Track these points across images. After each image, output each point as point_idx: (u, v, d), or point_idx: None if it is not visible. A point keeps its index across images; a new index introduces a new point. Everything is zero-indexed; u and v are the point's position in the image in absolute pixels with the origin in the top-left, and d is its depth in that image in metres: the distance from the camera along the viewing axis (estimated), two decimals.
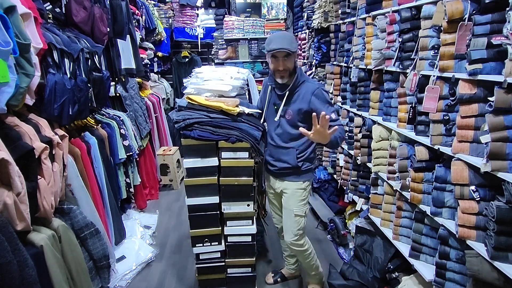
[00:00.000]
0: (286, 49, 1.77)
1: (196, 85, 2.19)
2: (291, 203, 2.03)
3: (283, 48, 1.77)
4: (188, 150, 1.99)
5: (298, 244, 2.06)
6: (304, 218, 2.06)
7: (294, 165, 1.96)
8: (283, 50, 1.78)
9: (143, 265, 2.63)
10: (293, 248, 2.09)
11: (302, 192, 2.03)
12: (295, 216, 2.02)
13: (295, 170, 1.99)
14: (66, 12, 2.32)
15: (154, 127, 4.12)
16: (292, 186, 2.02)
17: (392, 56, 2.12)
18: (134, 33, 3.46)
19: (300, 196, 2.03)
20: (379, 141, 2.32)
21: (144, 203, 3.56)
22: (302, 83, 1.90)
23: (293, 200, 2.03)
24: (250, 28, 5.04)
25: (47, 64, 1.91)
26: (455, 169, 1.59)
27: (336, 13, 3.29)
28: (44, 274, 1.57)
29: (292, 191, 2.02)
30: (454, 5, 1.56)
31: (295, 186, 2.02)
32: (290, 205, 2.04)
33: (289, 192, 2.04)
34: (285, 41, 1.80)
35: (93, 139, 2.45)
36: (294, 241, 2.05)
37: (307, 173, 2.03)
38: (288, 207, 2.05)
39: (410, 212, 2.05)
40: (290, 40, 1.82)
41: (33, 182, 1.57)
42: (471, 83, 1.53)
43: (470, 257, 1.53)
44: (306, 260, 2.16)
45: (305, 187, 2.04)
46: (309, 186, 2.08)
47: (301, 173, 2.01)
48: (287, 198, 2.05)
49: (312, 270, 2.24)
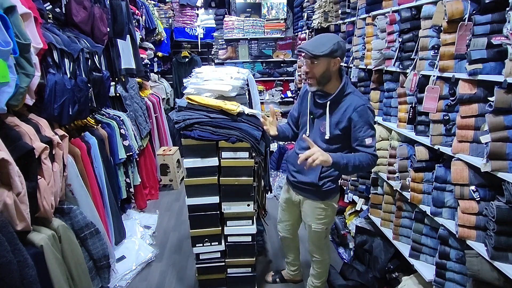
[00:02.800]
0: (306, 50, 1.59)
1: (196, 85, 2.19)
2: (309, 220, 1.92)
3: (304, 49, 1.60)
4: (188, 150, 1.99)
5: (318, 254, 2.04)
6: (324, 233, 1.95)
7: (315, 182, 1.79)
8: (305, 52, 1.60)
9: (143, 265, 2.63)
10: (312, 255, 2.07)
11: (322, 211, 1.87)
12: (314, 231, 1.94)
13: (315, 188, 1.82)
14: (66, 12, 2.32)
15: (154, 127, 4.11)
16: (311, 204, 1.89)
17: (392, 56, 2.12)
18: (134, 33, 3.46)
19: (319, 215, 1.88)
20: (379, 141, 2.32)
21: (144, 203, 3.56)
22: (347, 95, 1.68)
23: (311, 217, 1.91)
24: (250, 28, 5.04)
25: (47, 64, 1.91)
26: (455, 169, 1.59)
27: (336, 13, 3.29)
28: (44, 274, 1.56)
29: (311, 208, 1.89)
30: (454, 5, 1.56)
31: (314, 205, 1.87)
32: (308, 221, 1.94)
33: (306, 207, 1.91)
34: (315, 42, 1.62)
35: (93, 139, 2.45)
36: (314, 250, 2.04)
37: (328, 194, 1.84)
38: (306, 222, 1.97)
39: (410, 212, 2.05)
40: (321, 43, 1.59)
41: (33, 182, 1.57)
42: (471, 83, 1.53)
43: (470, 257, 1.53)
44: (319, 269, 2.10)
45: (325, 207, 1.86)
46: (331, 208, 1.89)
47: (321, 193, 1.83)
48: (305, 214, 1.94)
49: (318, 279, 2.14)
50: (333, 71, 1.65)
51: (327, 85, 1.69)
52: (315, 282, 2.15)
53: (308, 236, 2.04)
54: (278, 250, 2.87)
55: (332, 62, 1.62)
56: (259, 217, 2.51)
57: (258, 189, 2.27)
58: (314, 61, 1.61)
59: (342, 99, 1.68)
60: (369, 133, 1.64)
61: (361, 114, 1.63)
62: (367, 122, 1.64)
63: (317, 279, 2.14)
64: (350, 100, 1.66)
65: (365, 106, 1.64)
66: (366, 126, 1.64)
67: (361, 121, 1.63)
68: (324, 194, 1.84)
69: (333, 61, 1.61)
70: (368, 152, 1.63)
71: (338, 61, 1.63)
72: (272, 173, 4.21)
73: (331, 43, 1.57)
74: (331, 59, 1.61)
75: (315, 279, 2.15)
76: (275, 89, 5.33)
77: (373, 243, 2.39)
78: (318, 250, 2.04)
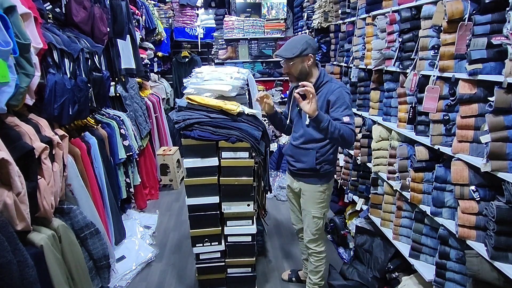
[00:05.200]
0: (280, 55, 1.83)
1: (196, 85, 2.19)
2: (309, 205, 2.02)
3: (278, 55, 1.85)
4: (188, 150, 1.99)
5: (315, 244, 2.08)
6: (322, 219, 2.04)
7: (312, 167, 1.92)
8: (280, 57, 1.84)
9: (143, 265, 2.63)
10: (309, 247, 2.10)
11: (321, 195, 1.99)
12: (313, 217, 2.01)
13: (313, 172, 1.95)
14: (66, 12, 2.32)
15: (154, 127, 4.12)
16: (310, 188, 1.99)
17: (392, 56, 2.12)
18: (134, 33, 3.46)
19: (318, 199, 2.00)
20: (379, 141, 2.32)
21: (144, 203, 3.56)
22: (324, 83, 1.86)
23: (311, 202, 2.01)
24: (250, 28, 5.04)
25: (47, 64, 1.91)
26: (455, 169, 1.59)
27: (336, 13, 3.29)
28: (44, 274, 1.56)
29: (310, 193, 2.00)
30: (454, 5, 1.56)
31: (313, 189, 1.99)
32: (308, 207, 2.02)
33: (307, 194, 2.02)
34: (286, 46, 1.84)
35: (93, 139, 2.45)
36: (311, 241, 2.07)
37: (326, 176, 1.98)
38: (306, 209, 2.04)
39: (410, 212, 2.05)
40: (291, 46, 1.81)
41: (33, 182, 1.56)
42: (471, 83, 1.53)
43: (470, 257, 1.53)
44: (316, 263, 2.13)
45: (324, 190, 2.00)
46: (329, 190, 2.03)
47: (319, 176, 1.96)
48: (305, 200, 2.03)
49: (315, 275, 2.15)
50: (309, 66, 1.84)
51: (307, 79, 1.84)
52: (314, 278, 2.15)
53: (305, 226, 2.08)
54: (278, 250, 2.87)
55: (306, 60, 1.81)
56: (259, 217, 2.51)
57: (258, 189, 2.27)
58: (289, 62, 1.82)
59: (320, 88, 1.85)
60: (346, 112, 1.76)
61: (338, 96, 1.78)
62: (344, 102, 1.78)
63: (315, 275, 2.15)
64: (328, 87, 1.84)
65: (340, 88, 1.81)
66: (343, 106, 1.77)
67: (338, 102, 1.78)
68: (323, 176, 1.97)
69: (306, 58, 1.81)
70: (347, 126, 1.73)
71: (310, 57, 1.82)
72: (272, 173, 4.22)
73: (300, 44, 1.78)
74: (304, 57, 1.80)
75: (312, 276, 2.16)
76: (275, 89, 5.33)
77: (373, 243, 2.39)
78: (315, 240, 2.07)
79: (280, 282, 2.49)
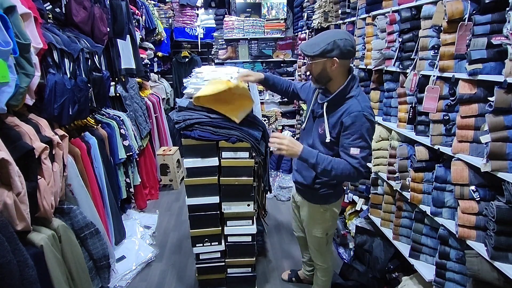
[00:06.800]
0: (301, 50, 1.55)
1: (196, 85, 2.19)
2: (309, 223, 1.86)
3: (300, 49, 1.56)
4: (188, 150, 1.99)
5: (321, 260, 1.98)
6: (324, 239, 1.86)
7: (309, 185, 1.71)
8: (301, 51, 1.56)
9: (143, 265, 2.63)
10: (315, 261, 2.02)
11: (321, 215, 1.79)
12: (314, 236, 1.87)
13: (311, 190, 1.74)
14: (66, 12, 2.32)
15: (154, 127, 4.12)
16: (309, 205, 1.82)
17: (392, 56, 2.12)
18: (134, 33, 3.46)
19: (318, 219, 1.81)
20: (379, 141, 2.32)
21: (144, 203, 3.56)
22: (348, 98, 1.54)
23: (311, 221, 1.84)
24: (250, 28, 5.04)
25: (47, 64, 1.91)
26: (455, 169, 1.59)
27: (336, 13, 3.29)
28: (44, 274, 1.57)
29: (309, 211, 1.83)
30: (454, 5, 1.56)
31: (312, 208, 1.81)
32: (308, 225, 1.87)
33: (305, 211, 1.85)
34: (311, 41, 1.54)
35: (93, 139, 2.45)
36: (317, 257, 1.97)
37: (324, 198, 1.75)
38: (306, 226, 1.90)
39: (410, 212, 2.05)
40: (315, 42, 1.50)
41: (33, 182, 1.57)
42: (471, 83, 1.53)
43: (470, 257, 1.53)
44: (323, 278, 2.04)
45: (323, 211, 1.78)
46: (330, 211, 1.79)
47: (318, 196, 1.74)
48: (304, 217, 1.88)
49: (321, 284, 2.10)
50: (332, 71, 1.51)
51: (329, 85, 1.59)
52: None
53: (309, 243, 1.98)
54: (278, 250, 2.87)
55: (329, 63, 1.49)
56: (259, 217, 2.51)
57: (258, 189, 2.27)
58: (311, 60, 1.53)
59: (342, 102, 1.54)
60: (357, 143, 1.47)
61: (353, 121, 1.47)
62: (358, 131, 1.47)
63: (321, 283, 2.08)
64: (348, 105, 1.52)
65: (361, 113, 1.47)
66: (355, 135, 1.48)
67: (351, 128, 1.48)
68: (321, 198, 1.75)
69: (329, 62, 1.49)
70: (351, 162, 1.48)
71: (334, 61, 1.48)
72: (272, 173, 4.22)
73: (325, 43, 1.46)
74: (326, 60, 1.49)
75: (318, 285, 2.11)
76: None
77: (373, 243, 2.39)
78: (321, 257, 1.96)
79: (280, 282, 2.49)
